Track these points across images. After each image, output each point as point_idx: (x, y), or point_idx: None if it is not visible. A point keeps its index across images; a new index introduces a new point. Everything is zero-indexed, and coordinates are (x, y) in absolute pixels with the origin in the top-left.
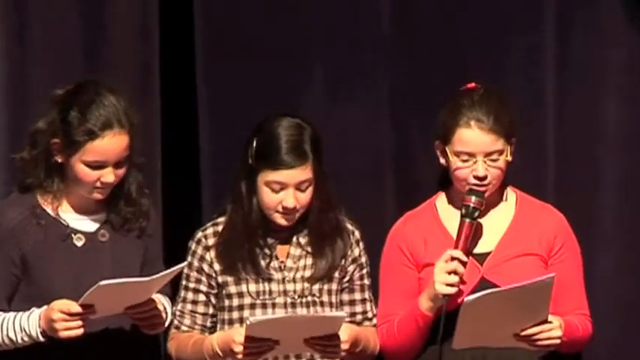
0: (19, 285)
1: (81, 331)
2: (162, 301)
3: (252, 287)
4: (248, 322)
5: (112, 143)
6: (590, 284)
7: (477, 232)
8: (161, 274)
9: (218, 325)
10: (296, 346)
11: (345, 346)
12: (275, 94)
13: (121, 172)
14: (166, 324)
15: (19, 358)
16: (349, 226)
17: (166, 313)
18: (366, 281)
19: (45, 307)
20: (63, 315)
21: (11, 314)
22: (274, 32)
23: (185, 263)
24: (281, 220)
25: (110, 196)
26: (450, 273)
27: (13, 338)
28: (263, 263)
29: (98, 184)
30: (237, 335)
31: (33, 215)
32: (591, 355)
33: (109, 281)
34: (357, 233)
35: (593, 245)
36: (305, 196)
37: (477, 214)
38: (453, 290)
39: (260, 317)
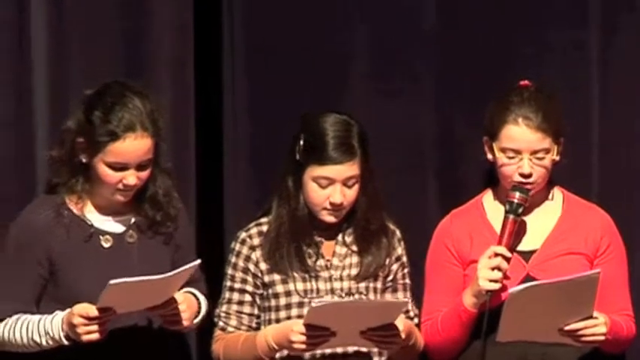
0: (46, 287)
1: (103, 334)
2: (195, 297)
3: (300, 286)
4: (312, 305)
5: (133, 145)
6: (633, 285)
7: (520, 229)
8: (173, 272)
9: (262, 327)
10: (352, 337)
11: (403, 335)
12: (317, 91)
13: (144, 174)
14: (200, 318)
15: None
16: (391, 226)
17: (200, 309)
18: (408, 281)
19: (67, 310)
20: (83, 320)
21: (36, 317)
22: (315, 28)
23: (197, 262)
24: (328, 217)
25: (136, 199)
26: (493, 269)
27: (38, 341)
28: (310, 261)
29: (120, 185)
30: (295, 325)
31: (58, 215)
32: (635, 355)
33: (119, 280)
34: (398, 232)
35: (635, 245)
36: (352, 193)
37: (520, 210)
38: (496, 286)
39: (324, 300)
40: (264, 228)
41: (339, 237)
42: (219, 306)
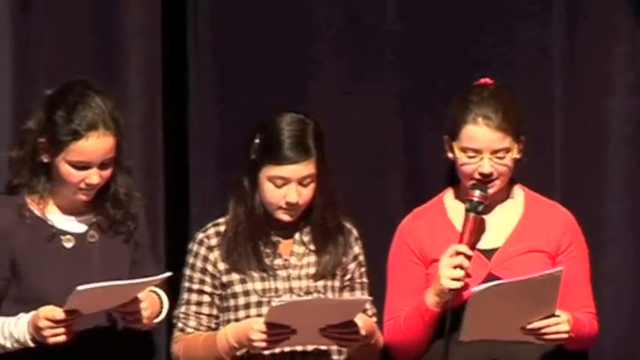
0: (8, 288)
1: (70, 335)
2: (158, 295)
3: (258, 285)
4: (272, 304)
5: (96, 144)
6: (597, 281)
7: (482, 227)
8: (141, 280)
9: (222, 327)
10: (312, 335)
11: (363, 332)
12: (281, 91)
13: (106, 173)
14: (161, 317)
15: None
16: (347, 225)
17: (162, 307)
18: (365, 279)
19: (32, 312)
20: (48, 322)
21: (0, 320)
22: (282, 28)
23: (167, 274)
24: (283, 216)
25: (97, 197)
26: (455, 267)
27: (2, 343)
28: (267, 261)
29: (83, 185)
30: (255, 323)
31: (20, 216)
32: (598, 353)
33: (87, 286)
34: (354, 231)
35: (601, 242)
36: (307, 192)
37: (481, 208)
38: (458, 285)
39: (284, 299)
40: (222, 228)
41: (297, 236)
42: (177, 307)
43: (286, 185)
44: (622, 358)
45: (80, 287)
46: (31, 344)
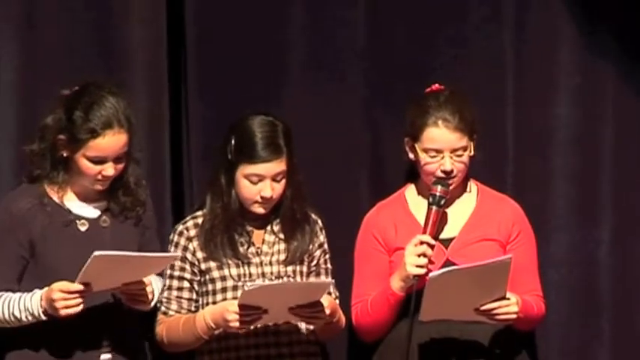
0: (27, 267)
1: (80, 307)
2: (153, 284)
3: (234, 271)
4: (245, 288)
5: (111, 141)
6: (544, 267)
7: (442, 219)
8: (156, 254)
9: (201, 310)
10: (282, 314)
11: (327, 311)
12: (257, 94)
13: (120, 166)
14: (152, 304)
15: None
16: (313, 215)
17: (154, 295)
18: (329, 265)
19: (46, 288)
20: (63, 294)
21: (17, 295)
22: (254, 35)
23: (178, 254)
24: (259, 209)
25: (110, 186)
26: (419, 255)
27: (18, 316)
28: (242, 249)
29: (99, 176)
30: (230, 306)
31: (41, 203)
32: (544, 332)
33: (104, 252)
34: (319, 221)
35: (546, 230)
36: (280, 187)
37: (442, 202)
38: (422, 271)
39: (255, 284)
40: (200, 220)
41: (268, 227)
42: (160, 292)
43: (261, 182)
44: (565, 337)
45: (97, 253)
46: (43, 317)
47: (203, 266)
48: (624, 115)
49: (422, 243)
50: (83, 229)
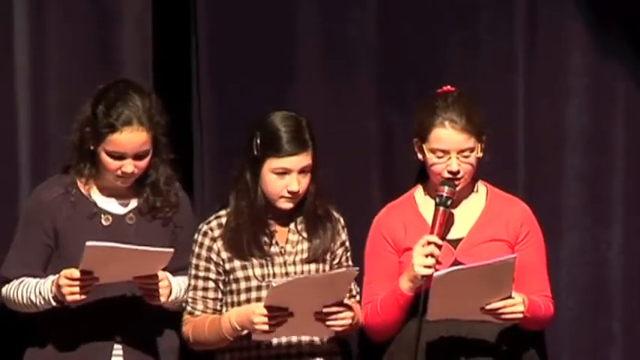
0: (52, 255)
1: (85, 295)
2: (171, 280)
3: (258, 271)
4: (273, 285)
5: (129, 138)
6: (556, 267)
7: (449, 220)
8: (150, 249)
9: (224, 309)
10: (308, 318)
11: (351, 313)
12: (266, 94)
13: (142, 164)
14: (169, 298)
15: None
16: (335, 213)
17: (171, 290)
18: (351, 263)
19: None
20: (67, 280)
21: (34, 280)
22: (265, 34)
23: (171, 250)
24: (285, 205)
25: (138, 184)
26: (427, 256)
27: (34, 300)
28: (266, 248)
29: (119, 172)
30: (257, 308)
31: (67, 192)
32: (553, 333)
33: (96, 243)
34: (341, 219)
35: (557, 231)
36: (306, 181)
37: (449, 202)
38: (430, 271)
39: (282, 280)
40: (223, 220)
41: (292, 225)
42: (186, 292)
43: (287, 176)
44: (575, 337)
45: (89, 243)
46: (54, 303)
47: (227, 266)
48: (635, 116)
49: (429, 243)
50: (106, 223)
